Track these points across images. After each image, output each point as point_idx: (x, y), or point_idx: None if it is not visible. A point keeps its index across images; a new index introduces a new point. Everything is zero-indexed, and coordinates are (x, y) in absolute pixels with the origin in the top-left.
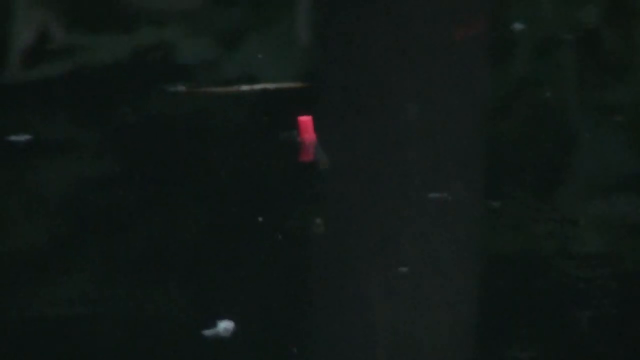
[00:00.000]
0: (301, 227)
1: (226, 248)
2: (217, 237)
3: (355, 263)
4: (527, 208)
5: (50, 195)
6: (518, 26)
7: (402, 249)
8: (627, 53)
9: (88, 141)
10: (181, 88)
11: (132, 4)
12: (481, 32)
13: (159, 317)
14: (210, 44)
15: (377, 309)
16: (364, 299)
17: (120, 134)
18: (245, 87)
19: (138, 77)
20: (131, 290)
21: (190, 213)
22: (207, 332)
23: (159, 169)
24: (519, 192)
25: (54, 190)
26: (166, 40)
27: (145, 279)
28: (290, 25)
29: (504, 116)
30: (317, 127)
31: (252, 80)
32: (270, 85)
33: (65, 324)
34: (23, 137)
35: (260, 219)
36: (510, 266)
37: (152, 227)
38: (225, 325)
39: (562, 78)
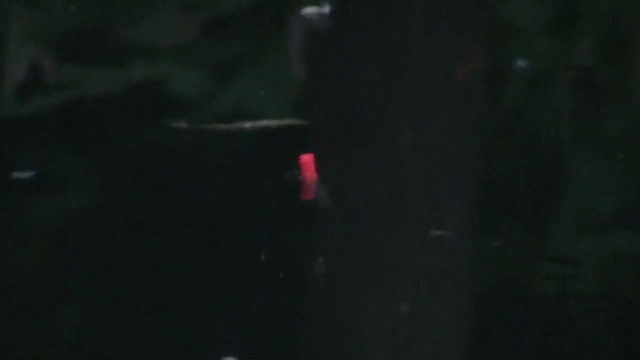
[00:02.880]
0: (303, 265)
1: (229, 285)
2: (221, 274)
3: (357, 301)
4: (527, 247)
5: (48, 230)
6: (521, 63)
7: (403, 286)
8: (625, 90)
9: (86, 177)
10: (183, 124)
11: (125, 38)
12: (483, 69)
13: (161, 353)
14: (203, 79)
15: (378, 345)
16: (365, 335)
17: (120, 169)
18: (247, 124)
19: (135, 112)
20: (133, 326)
21: (194, 249)
22: None
23: (158, 206)
24: (519, 230)
25: (53, 224)
26: (160, 74)
27: (147, 315)
28: (284, 59)
29: (506, 153)
30: (317, 164)
31: (243, 115)
32: (272, 123)
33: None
34: (25, 174)
35: (263, 256)
36: (511, 304)
37: (157, 263)
38: None
39: (562, 114)
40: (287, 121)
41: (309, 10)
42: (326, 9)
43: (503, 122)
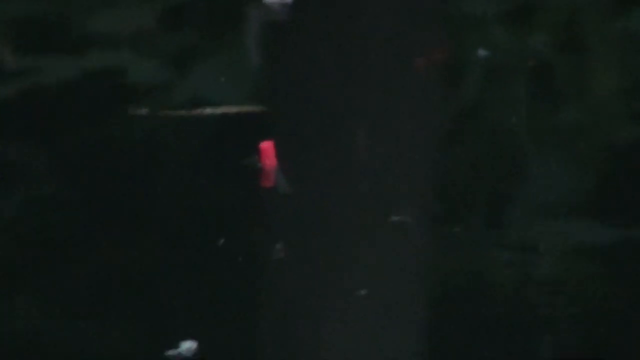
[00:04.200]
0: (261, 251)
1: (188, 270)
2: (180, 259)
3: (315, 286)
4: (485, 234)
5: (5, 219)
6: (482, 52)
7: (361, 271)
8: (582, 81)
9: (45, 165)
10: (143, 111)
11: (83, 27)
12: (443, 61)
13: (120, 340)
14: (161, 68)
15: (336, 330)
16: (323, 320)
17: (79, 157)
18: (207, 111)
19: (93, 100)
20: (92, 313)
21: (153, 236)
22: (170, 353)
23: (119, 192)
24: (478, 217)
25: (10, 214)
26: (118, 63)
27: (106, 302)
28: (241, 47)
29: (465, 141)
30: (276, 151)
31: (201, 103)
32: (231, 109)
33: (23, 351)
34: None
35: (221, 241)
36: (469, 291)
37: (115, 249)
38: (188, 346)
39: (520, 105)
40: (246, 108)
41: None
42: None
43: (462, 111)
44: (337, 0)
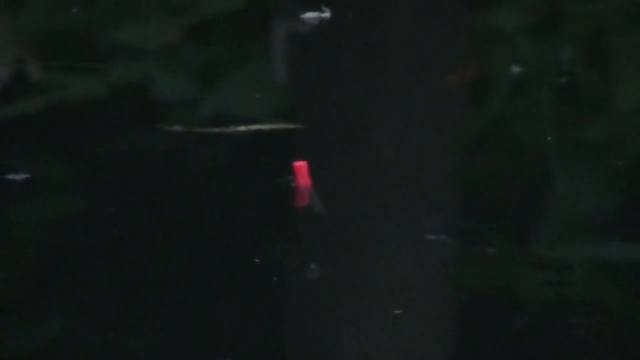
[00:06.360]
0: (296, 271)
1: (222, 289)
2: (215, 278)
3: (350, 306)
4: (517, 253)
5: (35, 234)
6: (515, 69)
7: (395, 291)
8: (609, 95)
9: (70, 180)
10: (176, 127)
11: (110, 41)
12: (477, 76)
13: (153, 357)
14: (188, 83)
15: (370, 350)
16: (358, 340)
17: (107, 173)
18: (241, 128)
19: (121, 115)
20: (128, 329)
21: (187, 253)
22: None
23: (152, 209)
24: (508, 235)
25: (41, 228)
26: (145, 78)
27: (141, 320)
28: (268, 61)
29: (495, 159)
30: (309, 169)
31: (227, 117)
32: (265, 127)
33: None
34: (17, 177)
35: (257, 260)
36: (501, 310)
37: (149, 266)
38: None
39: (550, 121)
40: (279, 125)
41: (309, 15)
42: (326, 14)
43: (494, 128)
44: (366, 15)
